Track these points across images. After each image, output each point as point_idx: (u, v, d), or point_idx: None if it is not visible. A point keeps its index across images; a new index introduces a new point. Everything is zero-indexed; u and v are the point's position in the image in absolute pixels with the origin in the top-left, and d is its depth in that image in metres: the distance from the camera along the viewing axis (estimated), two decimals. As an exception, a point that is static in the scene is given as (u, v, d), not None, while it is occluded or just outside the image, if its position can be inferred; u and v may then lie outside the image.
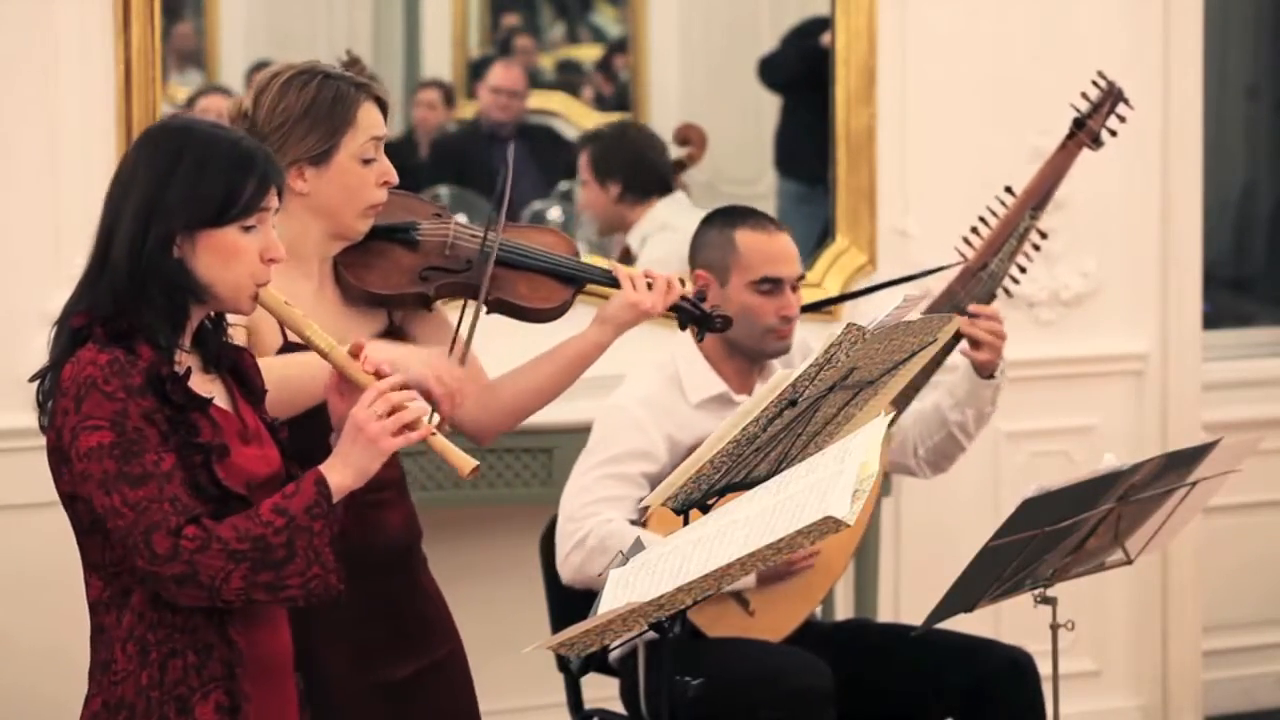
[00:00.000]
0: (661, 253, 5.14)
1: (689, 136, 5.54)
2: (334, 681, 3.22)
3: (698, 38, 6.29)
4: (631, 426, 3.99)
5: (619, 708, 4.15)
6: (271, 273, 3.19)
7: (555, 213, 6.18)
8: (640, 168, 5.42)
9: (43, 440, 2.75)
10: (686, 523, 3.12)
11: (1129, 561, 3.71)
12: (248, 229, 2.74)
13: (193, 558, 2.62)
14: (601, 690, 4.30)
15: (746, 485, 3.11)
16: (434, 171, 6.25)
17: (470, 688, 3.43)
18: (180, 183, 2.71)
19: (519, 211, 6.12)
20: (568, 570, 3.95)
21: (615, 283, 3.42)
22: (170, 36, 5.74)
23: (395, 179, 3.29)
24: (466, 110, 6.46)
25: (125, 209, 2.72)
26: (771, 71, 5.73)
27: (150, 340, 2.70)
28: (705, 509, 3.16)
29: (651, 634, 2.93)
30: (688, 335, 4.07)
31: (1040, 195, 4.30)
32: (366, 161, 3.24)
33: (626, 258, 5.32)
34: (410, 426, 2.75)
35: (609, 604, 2.82)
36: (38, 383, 2.78)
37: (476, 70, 6.51)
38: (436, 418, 2.93)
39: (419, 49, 6.46)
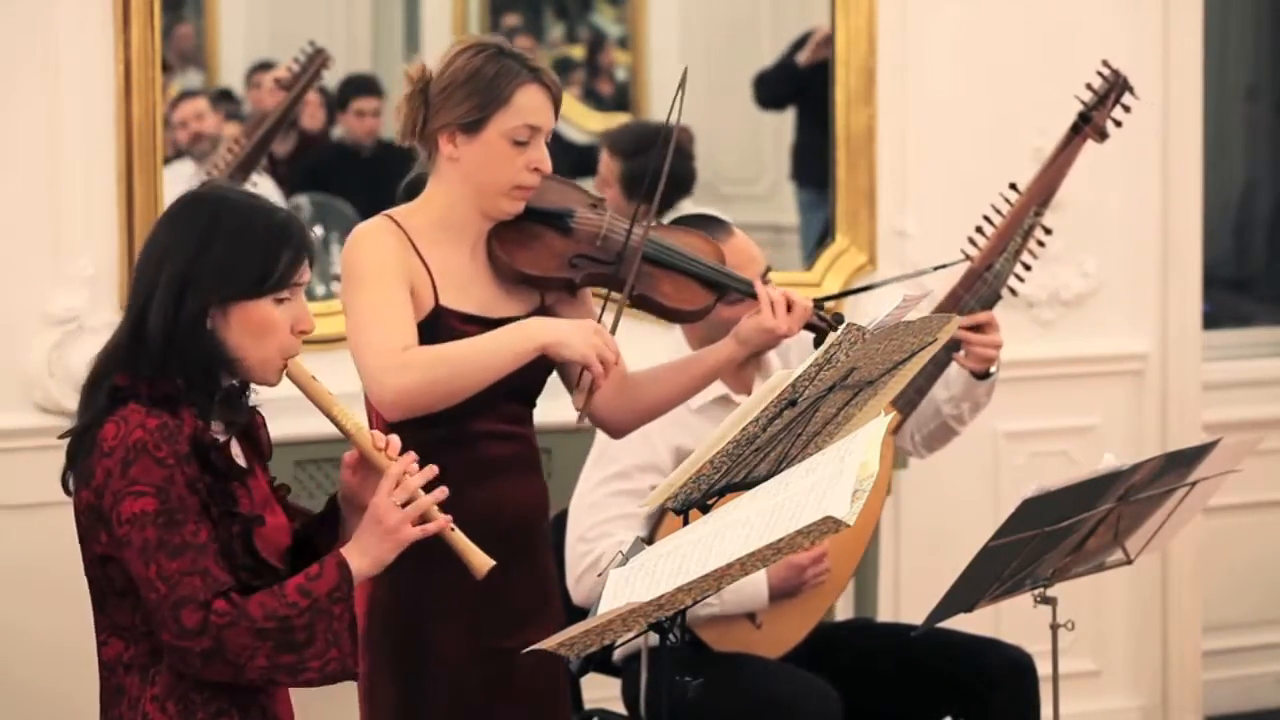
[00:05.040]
0: None
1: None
2: (438, 645, 3.28)
3: (698, 38, 6.29)
4: (636, 438, 3.96)
5: (619, 708, 4.15)
6: (424, 241, 3.23)
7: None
8: (669, 180, 5.36)
9: (43, 440, 2.75)
10: (686, 523, 3.12)
11: (1129, 561, 3.71)
12: (281, 301, 2.73)
13: (220, 633, 2.62)
14: (601, 690, 4.30)
15: (746, 485, 3.11)
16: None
17: (562, 678, 3.45)
18: (215, 254, 2.69)
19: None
20: (580, 592, 3.91)
21: (754, 295, 3.48)
22: (170, 36, 5.74)
23: (547, 168, 3.33)
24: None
25: (159, 278, 2.70)
26: (759, 89, 5.73)
27: (190, 406, 2.69)
28: (705, 509, 3.15)
29: (653, 635, 2.94)
30: (679, 336, 4.07)
31: (1046, 192, 4.23)
32: (518, 143, 3.29)
33: None
34: (426, 517, 2.77)
35: (609, 604, 2.82)
36: (68, 440, 2.75)
37: (476, 70, 6.50)
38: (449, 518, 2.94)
39: (419, 49, 6.46)
